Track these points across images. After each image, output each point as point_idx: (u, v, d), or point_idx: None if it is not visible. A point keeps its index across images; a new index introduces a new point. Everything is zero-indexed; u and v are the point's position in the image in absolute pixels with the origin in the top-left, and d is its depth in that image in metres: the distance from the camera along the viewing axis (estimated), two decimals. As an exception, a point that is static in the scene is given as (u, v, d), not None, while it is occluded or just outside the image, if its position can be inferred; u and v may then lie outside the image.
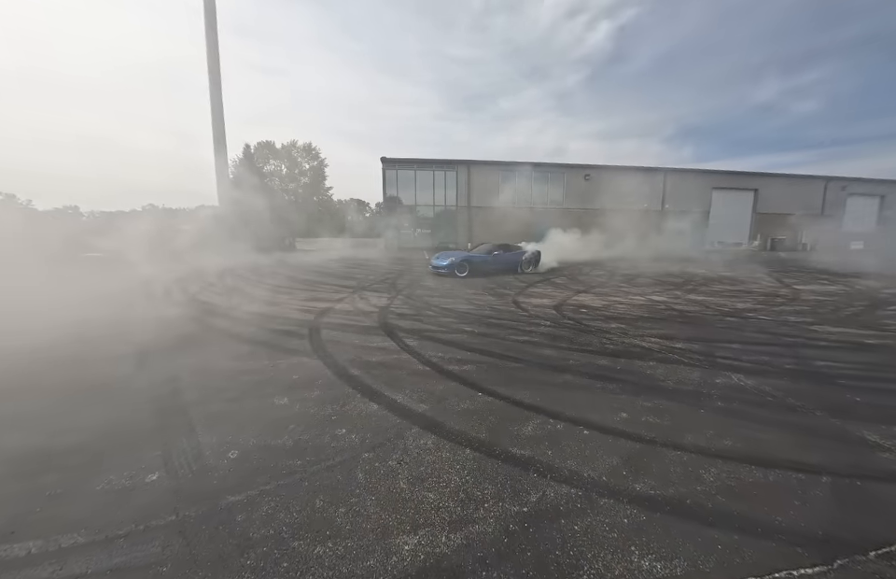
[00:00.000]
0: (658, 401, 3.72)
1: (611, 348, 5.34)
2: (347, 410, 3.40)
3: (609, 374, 4.36)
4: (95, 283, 11.44)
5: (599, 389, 3.95)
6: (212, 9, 24.10)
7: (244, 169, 36.08)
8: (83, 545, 1.99)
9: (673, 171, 29.22)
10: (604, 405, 3.58)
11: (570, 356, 4.99)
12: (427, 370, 4.39)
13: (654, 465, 2.70)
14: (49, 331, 6.13)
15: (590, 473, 2.58)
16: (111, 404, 3.57)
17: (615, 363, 4.75)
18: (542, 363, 4.69)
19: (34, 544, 2.00)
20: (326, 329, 6.30)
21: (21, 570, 1.85)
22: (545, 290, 10.83)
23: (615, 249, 23.99)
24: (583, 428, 3.16)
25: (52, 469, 2.60)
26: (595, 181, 28.52)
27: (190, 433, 3.04)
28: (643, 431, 3.13)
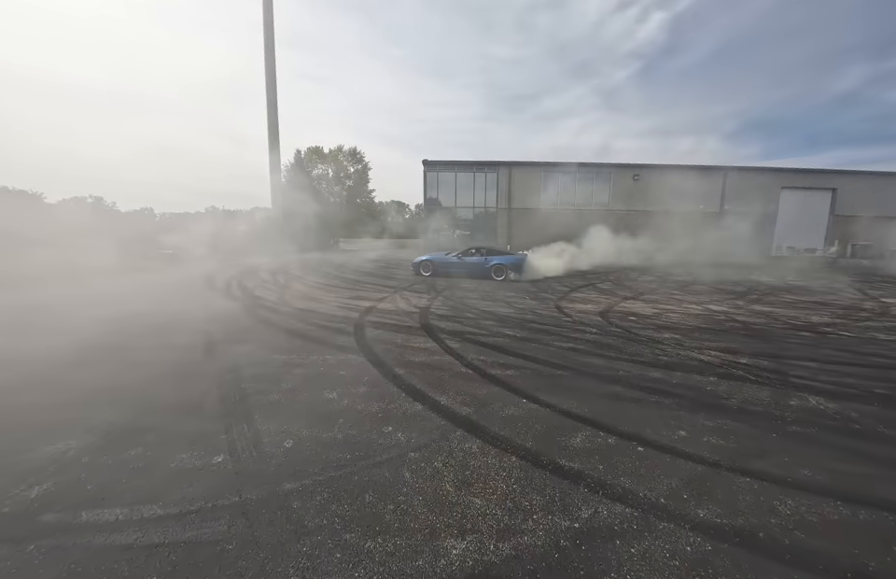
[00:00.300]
0: (722, 420, 3.42)
1: (665, 360, 5.01)
2: (392, 409, 3.47)
3: (664, 388, 4.09)
4: (167, 276, 12.66)
5: (653, 404, 3.71)
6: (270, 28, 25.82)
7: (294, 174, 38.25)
8: (160, 517, 2.19)
9: (735, 169, 26.89)
10: (659, 421, 3.36)
11: (620, 366, 4.74)
12: (470, 373, 4.38)
13: (720, 491, 2.48)
14: (130, 318, 6.86)
15: (647, 494, 2.42)
16: (184, 386, 3.92)
17: (670, 376, 4.44)
18: (589, 372, 4.50)
19: (120, 512, 2.23)
20: (370, 327, 6.48)
21: (111, 534, 2.07)
22: (589, 296, 10.41)
23: (667, 254, 22.54)
24: (637, 444, 2.98)
25: (138, 445, 2.90)
26: (644, 181, 26.99)
27: (250, 420, 3.25)
28: (706, 453, 2.90)
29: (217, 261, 17.72)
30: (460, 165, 27.99)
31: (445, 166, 28.00)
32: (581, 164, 27.29)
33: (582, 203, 27.60)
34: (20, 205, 32.70)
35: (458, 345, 5.47)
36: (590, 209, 27.15)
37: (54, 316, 7.21)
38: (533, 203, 27.48)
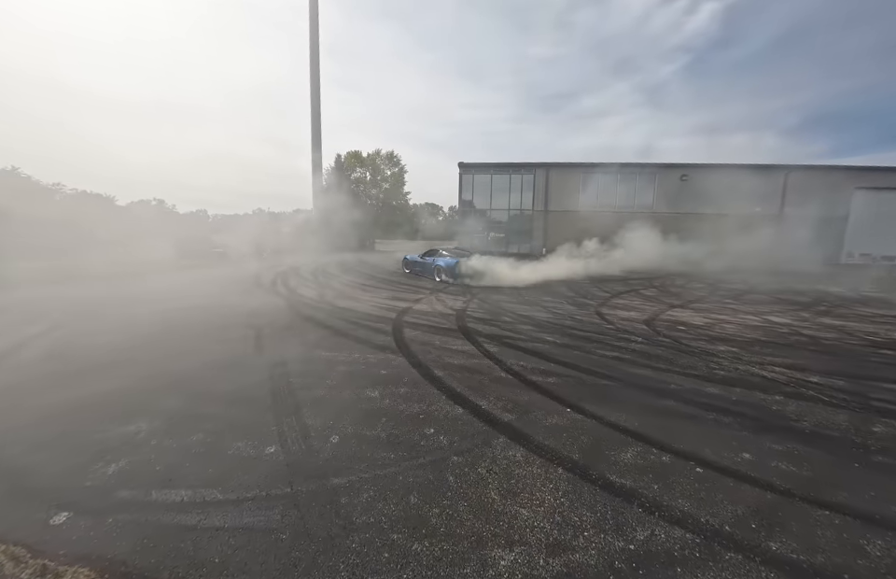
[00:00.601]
0: (792, 444, 3.11)
1: (722, 375, 4.65)
2: (433, 410, 3.47)
3: (722, 405, 3.79)
4: (218, 273, 13.57)
5: (711, 422, 3.45)
6: (315, 39, 27.03)
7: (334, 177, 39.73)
8: (220, 502, 2.31)
9: (798, 168, 24.61)
10: (718, 441, 3.11)
11: (671, 379, 4.45)
12: (510, 378, 4.29)
13: (795, 523, 2.25)
14: (188, 311, 7.40)
15: (709, 519, 2.24)
16: (238, 377, 4.15)
17: (728, 393, 4.11)
18: (638, 384, 4.27)
19: (185, 493, 2.39)
20: (407, 328, 6.56)
21: (177, 514, 2.22)
22: (632, 302, 9.92)
23: (718, 260, 21.06)
24: (696, 465, 2.77)
25: (198, 430, 3.10)
26: (693, 181, 25.39)
27: (298, 414, 3.37)
28: (775, 480, 2.64)
29: (262, 261, 18.74)
30: (496, 168, 27.78)
31: (481, 169, 27.90)
32: (624, 164, 26.17)
33: (624, 205, 26.43)
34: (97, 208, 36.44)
35: (496, 349, 5.40)
36: (632, 211, 25.95)
37: (124, 306, 7.94)
38: (571, 205, 26.71)
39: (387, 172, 48.72)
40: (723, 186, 23.83)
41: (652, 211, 25.80)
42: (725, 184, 23.80)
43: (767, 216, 24.49)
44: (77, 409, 3.46)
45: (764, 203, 24.36)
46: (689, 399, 3.91)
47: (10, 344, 5.36)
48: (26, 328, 6.19)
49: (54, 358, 4.84)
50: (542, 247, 25.68)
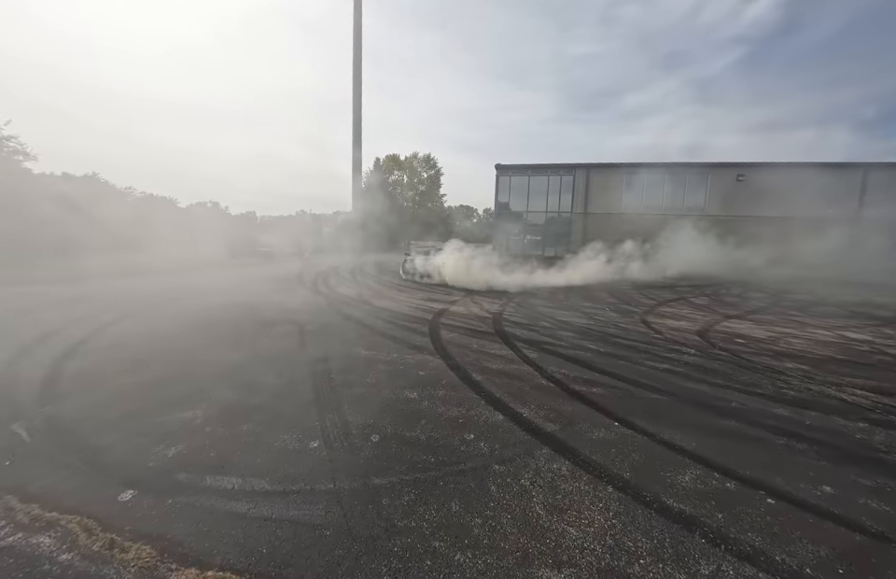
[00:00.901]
0: (883, 479, 2.72)
1: (792, 395, 4.18)
2: (473, 415, 3.40)
3: (794, 430, 3.40)
4: (264, 270, 14.34)
5: (782, 448, 3.10)
6: (359, 47, 27.92)
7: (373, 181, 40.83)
8: (268, 492, 2.38)
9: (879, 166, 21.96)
10: (792, 470, 2.78)
11: (731, 396, 4.08)
12: (552, 386, 4.12)
13: (893, 574, 1.94)
14: (237, 308, 7.85)
15: (786, 559, 1.99)
16: (283, 371, 4.32)
17: (800, 416, 3.69)
18: (693, 400, 3.94)
19: (235, 481, 2.48)
20: (444, 329, 6.53)
21: (229, 501, 2.31)
22: (681, 311, 9.28)
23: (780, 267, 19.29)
24: (766, 494, 2.49)
25: (248, 421, 3.24)
26: (750, 182, 23.44)
27: (340, 410, 3.43)
28: (865, 519, 2.31)
29: (304, 260, 19.57)
30: (534, 169, 27.23)
31: (518, 170, 27.47)
32: (672, 164, 24.69)
33: (671, 206, 24.92)
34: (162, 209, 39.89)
35: (536, 355, 5.23)
36: (680, 214, 24.40)
37: (183, 300, 8.57)
38: (613, 207, 25.59)
39: (423, 174, 49.32)
40: (787, 186, 21.78)
41: (704, 213, 24.10)
42: (790, 184, 21.73)
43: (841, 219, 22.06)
44: (143, 393, 3.74)
45: (838, 205, 21.96)
46: (754, 420, 3.55)
47: (87, 331, 5.93)
48: (100, 316, 6.84)
49: (123, 345, 5.30)
50: (575, 249, 24.82)
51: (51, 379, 4.06)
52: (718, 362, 5.26)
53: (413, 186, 48.96)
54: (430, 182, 49.49)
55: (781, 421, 3.55)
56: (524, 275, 13.98)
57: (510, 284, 12.36)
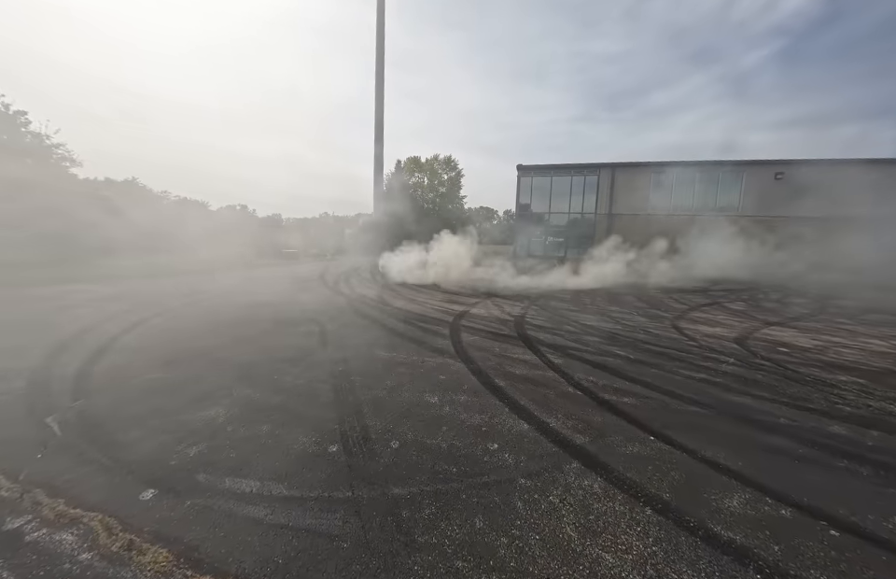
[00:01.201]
0: (969, 514, 2.38)
1: (848, 412, 3.80)
2: (496, 423, 3.24)
3: (855, 451, 3.06)
4: (289, 271, 14.64)
5: (843, 471, 2.78)
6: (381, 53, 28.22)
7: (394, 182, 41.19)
8: (285, 498, 2.31)
9: (937, 163, 20.20)
10: (859, 497, 2.48)
11: (779, 411, 3.74)
12: (579, 395, 3.91)
13: None
14: (262, 307, 7.98)
15: (860, 604, 1.74)
16: (304, 372, 4.30)
17: (861, 436, 3.33)
18: (735, 414, 3.63)
19: (253, 485, 2.43)
20: (465, 332, 6.39)
21: (246, 505, 2.26)
22: (716, 317, 8.77)
23: (826, 271, 18.05)
24: (829, 526, 2.22)
25: (267, 421, 3.21)
26: (790, 180, 22.08)
27: (359, 413, 3.36)
28: (953, 561, 2.00)
29: (327, 260, 19.88)
30: (556, 169, 26.71)
31: (540, 171, 27.02)
32: (704, 162, 23.59)
33: (702, 207, 23.83)
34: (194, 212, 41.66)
35: (561, 360, 5.01)
36: (713, 214, 23.29)
37: (211, 300, 8.81)
38: (639, 208, 24.73)
39: (444, 176, 49.37)
40: (832, 184, 20.38)
41: (738, 214, 22.92)
42: (834, 182, 20.33)
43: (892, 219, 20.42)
44: (169, 390, 3.79)
45: (889, 204, 20.33)
46: (807, 438, 3.22)
47: (120, 328, 6.15)
48: (133, 314, 7.11)
49: (153, 342, 5.45)
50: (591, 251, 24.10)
51: (85, 374, 4.20)
52: (761, 373, 4.87)
53: (434, 188, 49.08)
54: (451, 184, 49.48)
55: (839, 441, 3.21)
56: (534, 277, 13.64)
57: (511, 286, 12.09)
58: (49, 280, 10.57)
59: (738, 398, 4.03)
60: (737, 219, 22.65)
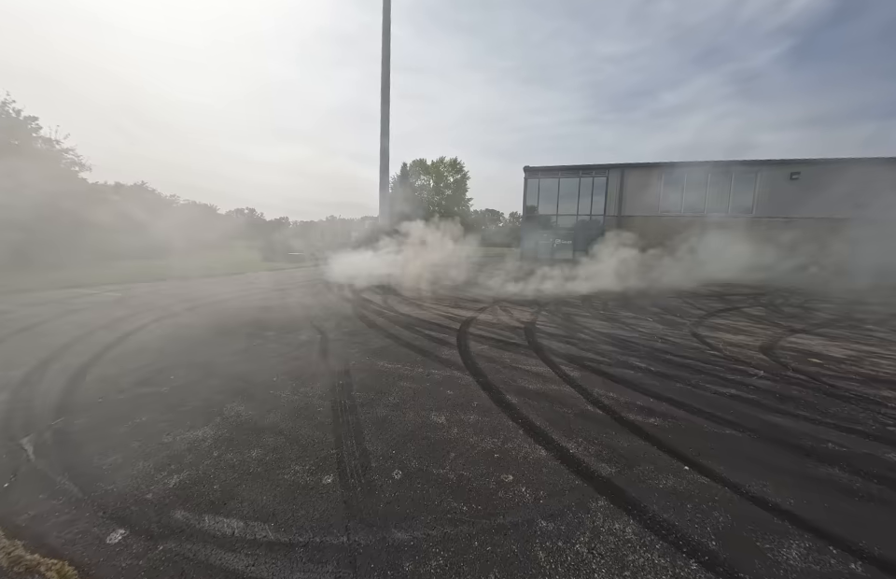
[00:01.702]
0: None
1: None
2: (510, 449, 2.92)
3: (922, 485, 2.68)
4: (293, 275, 14.46)
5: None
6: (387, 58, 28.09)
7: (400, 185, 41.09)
8: (271, 543, 2.02)
9: (963, 163, 19.42)
10: (939, 547, 2.11)
11: (824, 434, 3.36)
12: (600, 414, 3.57)
13: None
14: (262, 312, 7.75)
15: None
16: (302, 385, 4.01)
17: (924, 464, 2.94)
18: (776, 438, 3.26)
19: (236, 525, 2.14)
20: (473, 340, 6.08)
21: (226, 552, 1.96)
22: (737, 323, 8.34)
23: (848, 274, 17.40)
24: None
25: (257, 445, 2.92)
26: (806, 180, 21.43)
27: (359, 436, 3.06)
28: None
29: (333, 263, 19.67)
30: (564, 171, 26.32)
31: (548, 172, 26.64)
32: (716, 163, 23.03)
33: (716, 208, 23.24)
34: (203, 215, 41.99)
35: (577, 373, 4.66)
36: (725, 216, 22.70)
37: (216, 303, 8.62)
38: (650, 209, 24.23)
39: (450, 179, 49.20)
40: (851, 184, 19.70)
41: (752, 216, 22.31)
42: (854, 182, 19.64)
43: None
44: (157, 406, 3.53)
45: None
46: (863, 468, 2.84)
47: (119, 334, 5.94)
48: (134, 319, 6.91)
49: (149, 350, 5.22)
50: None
51: (72, 387, 3.96)
52: (795, 388, 4.48)
53: (440, 190, 48.91)
54: (457, 186, 49.28)
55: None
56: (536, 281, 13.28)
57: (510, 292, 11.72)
58: (50, 285, 10.49)
59: (776, 418, 3.66)
60: (751, 221, 22.04)
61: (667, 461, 2.81)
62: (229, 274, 14.95)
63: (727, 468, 2.77)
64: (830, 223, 20.54)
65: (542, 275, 15.01)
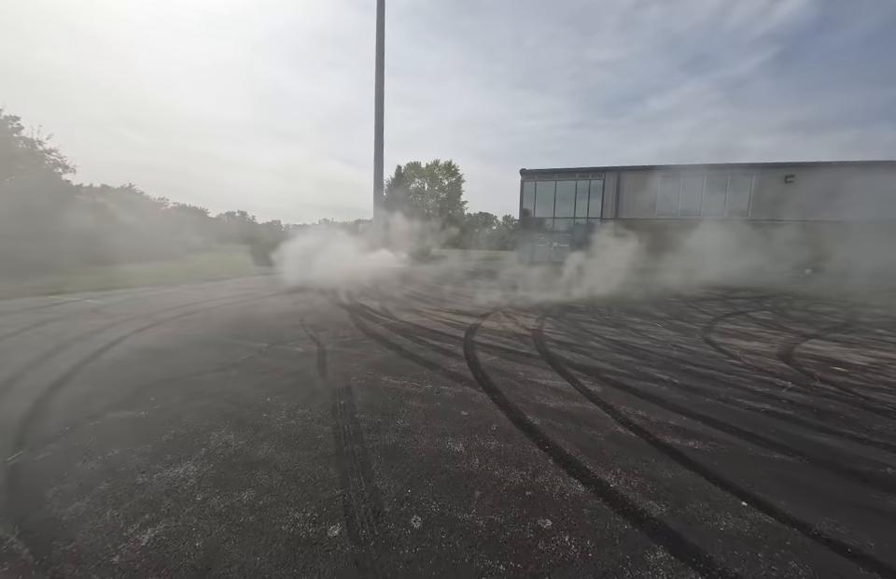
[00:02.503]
0: None
1: (961, 455, 3.12)
2: (542, 484, 2.55)
3: None
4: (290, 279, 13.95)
5: None
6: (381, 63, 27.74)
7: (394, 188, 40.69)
8: (268, 620, 1.62)
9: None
10: None
11: (879, 457, 3.06)
12: (633, 437, 3.22)
13: None
14: (254, 324, 7.29)
15: None
16: (299, 407, 3.60)
17: None
18: (830, 463, 2.95)
19: (226, 593, 1.74)
20: (481, 350, 5.72)
21: (212, 634, 1.56)
22: (747, 329, 8.12)
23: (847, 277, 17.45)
24: None
25: (249, 485, 2.51)
26: (800, 183, 21.59)
27: (367, 470, 2.66)
28: None
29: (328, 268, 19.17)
30: (560, 173, 26.21)
31: (544, 175, 26.51)
32: (712, 166, 23.10)
33: (711, 211, 23.28)
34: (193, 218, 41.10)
35: (598, 387, 4.32)
36: (722, 219, 22.73)
37: (201, 314, 8.12)
38: (646, 212, 24.20)
39: (445, 181, 48.95)
40: (846, 187, 19.85)
41: (749, 219, 22.38)
42: (849, 185, 19.80)
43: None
44: (133, 435, 3.10)
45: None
46: (936, 499, 2.54)
47: (96, 347, 5.44)
48: (113, 330, 6.40)
49: (128, 366, 4.75)
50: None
51: (37, 412, 3.50)
52: (831, 401, 4.19)
53: (435, 194, 48.63)
54: (452, 189, 49.05)
55: (976, 502, 2.52)
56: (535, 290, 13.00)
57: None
58: (25, 291, 9.87)
59: (821, 438, 3.35)
60: (747, 223, 22.10)
61: (720, 496, 2.47)
62: (219, 279, 14.40)
63: (789, 502, 2.44)
64: (824, 225, 20.68)
65: (540, 277, 14.74)
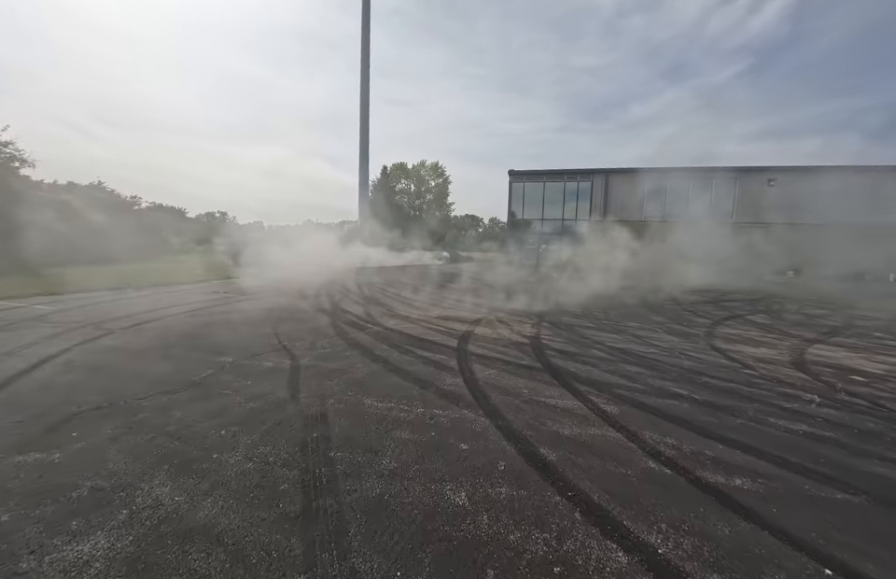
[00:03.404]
0: None
1: None
2: (572, 554, 1.97)
3: None
4: (267, 282, 13.07)
5: None
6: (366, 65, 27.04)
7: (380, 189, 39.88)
8: None
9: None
10: None
11: (953, 493, 2.60)
12: (668, 475, 2.68)
13: None
14: (228, 325, 6.51)
15: None
16: (262, 444, 2.93)
17: None
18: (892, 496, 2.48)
19: None
20: (476, 362, 5.13)
21: None
22: (748, 333, 7.82)
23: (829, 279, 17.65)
24: None
25: (176, 571, 1.84)
26: (783, 187, 21.93)
27: (343, 541, 2.02)
28: None
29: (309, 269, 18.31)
30: (549, 175, 26.00)
31: (533, 176, 26.26)
32: (697, 169, 23.24)
33: (697, 213, 23.42)
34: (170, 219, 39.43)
35: (614, 407, 3.79)
36: (707, 220, 22.87)
37: (162, 322, 7.28)
38: (634, 214, 24.20)
39: (431, 183, 48.40)
40: (828, 191, 20.19)
41: (735, 222, 22.59)
42: (831, 189, 20.15)
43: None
44: (36, 489, 2.37)
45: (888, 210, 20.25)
46: None
47: (28, 362, 4.61)
48: (58, 341, 5.54)
49: (58, 386, 3.95)
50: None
51: (-82, 456, 2.72)
52: (868, 419, 3.78)
53: (421, 195, 48.02)
54: (438, 191, 48.53)
55: None
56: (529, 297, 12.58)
57: None
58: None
59: (878, 467, 2.89)
60: (734, 227, 22.30)
61: (797, 560, 1.94)
62: (190, 281, 13.40)
63: (878, 567, 1.93)
64: (805, 228, 21.01)
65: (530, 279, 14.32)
